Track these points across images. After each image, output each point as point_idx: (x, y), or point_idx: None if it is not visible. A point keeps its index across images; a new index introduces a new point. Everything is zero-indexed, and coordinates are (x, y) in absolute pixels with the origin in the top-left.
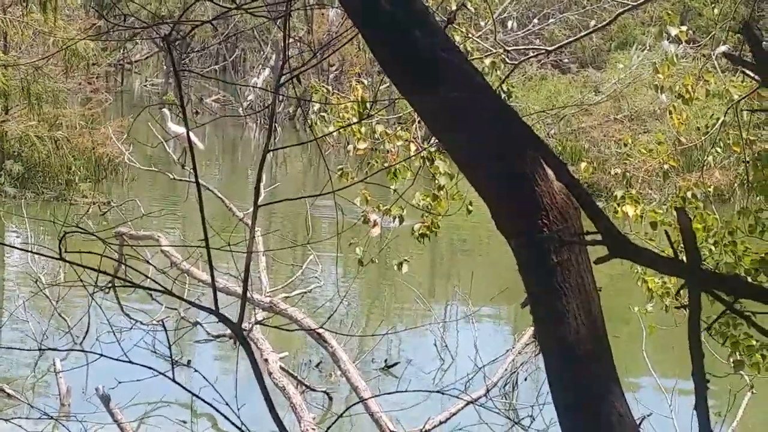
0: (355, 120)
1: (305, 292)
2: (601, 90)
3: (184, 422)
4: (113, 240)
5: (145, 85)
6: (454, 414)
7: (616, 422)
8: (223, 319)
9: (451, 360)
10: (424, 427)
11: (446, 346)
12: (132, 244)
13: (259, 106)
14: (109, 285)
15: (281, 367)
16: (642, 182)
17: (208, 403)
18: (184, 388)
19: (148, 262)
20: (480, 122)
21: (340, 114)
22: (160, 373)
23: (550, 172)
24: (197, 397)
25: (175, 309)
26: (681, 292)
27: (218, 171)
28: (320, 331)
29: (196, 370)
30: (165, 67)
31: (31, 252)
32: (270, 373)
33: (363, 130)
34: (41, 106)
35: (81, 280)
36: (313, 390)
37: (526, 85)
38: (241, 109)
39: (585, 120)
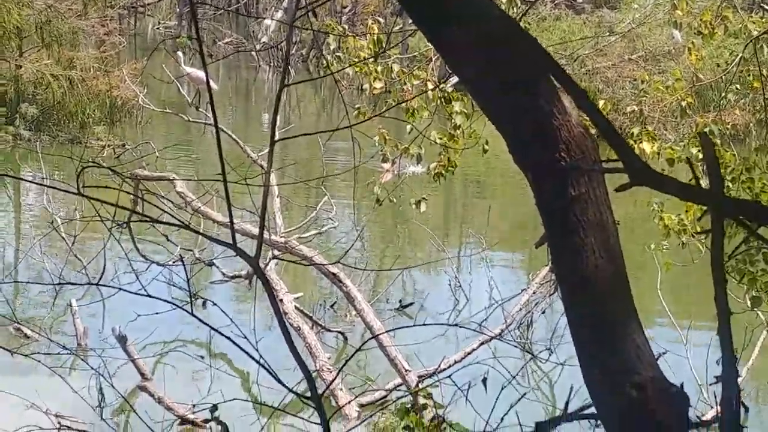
0: (371, 59)
1: (319, 233)
2: (616, 30)
3: (202, 357)
4: (128, 181)
5: (158, 28)
6: (469, 353)
7: (634, 355)
8: (241, 254)
9: (466, 300)
10: (439, 366)
11: (460, 286)
12: (147, 185)
13: (286, 45)
14: (128, 221)
15: (296, 308)
16: (657, 123)
17: (227, 337)
18: (202, 321)
19: (164, 198)
20: (497, 55)
21: (357, 53)
22: (178, 306)
23: (568, 105)
24: (216, 331)
25: (191, 250)
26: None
27: (232, 114)
28: (335, 270)
29: (214, 304)
30: (178, 9)
31: (49, 186)
32: (285, 314)
33: (379, 69)
34: (59, 46)
35: (99, 215)
36: (328, 330)
37: (540, 26)
38: (254, 51)
39: (599, 60)
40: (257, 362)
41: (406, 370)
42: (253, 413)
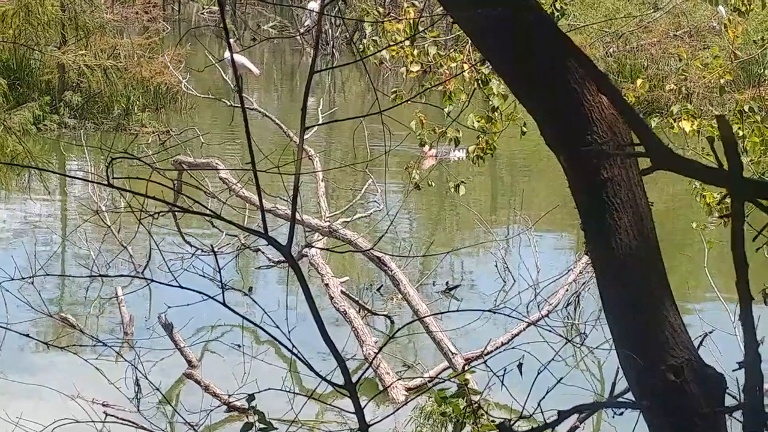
0: (407, 43)
1: (364, 216)
2: (660, 6)
3: (239, 346)
4: (170, 168)
5: (202, 14)
6: (515, 335)
7: (669, 336)
8: (272, 242)
9: (513, 281)
10: (485, 349)
11: (507, 267)
12: (190, 172)
13: (316, 31)
14: (160, 211)
15: (342, 292)
16: (702, 98)
17: (257, 326)
18: (232, 310)
19: (199, 188)
20: (525, 38)
21: (393, 37)
22: (210, 297)
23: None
24: (246, 319)
25: (236, 236)
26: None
27: (277, 97)
28: (379, 254)
29: (245, 294)
30: None
31: (76, 178)
32: (331, 298)
33: (416, 52)
34: (88, 38)
35: (130, 207)
36: (375, 314)
37: (584, 3)
38: (298, 35)
39: (644, 37)
40: (289, 350)
41: (452, 354)
42: (300, 399)
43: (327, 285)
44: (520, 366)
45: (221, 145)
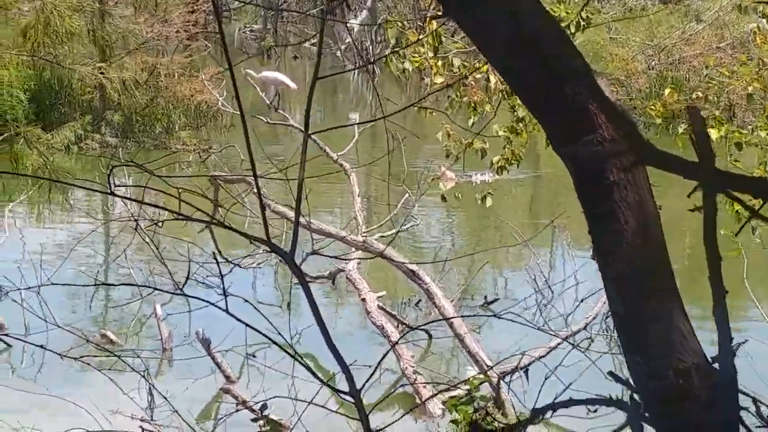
0: (430, 55)
1: (399, 231)
2: (703, 18)
3: (254, 356)
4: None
5: (243, 32)
6: (552, 349)
7: (678, 342)
8: (274, 248)
9: (552, 295)
10: (519, 362)
11: (547, 282)
12: (225, 187)
13: (357, 47)
14: (163, 219)
15: (379, 306)
16: (745, 110)
17: (263, 334)
18: (237, 318)
19: (208, 198)
20: (528, 44)
21: (418, 49)
22: (212, 304)
23: (605, 88)
24: (252, 328)
25: (269, 252)
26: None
27: (319, 113)
28: (414, 267)
29: (246, 300)
30: (262, 13)
31: (79, 186)
32: (368, 312)
33: (440, 63)
34: (111, 51)
35: (132, 216)
36: (412, 328)
37: (625, 17)
38: (339, 52)
39: (687, 50)
40: (293, 357)
41: (488, 366)
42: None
43: (364, 300)
44: (526, 372)
45: (259, 161)
